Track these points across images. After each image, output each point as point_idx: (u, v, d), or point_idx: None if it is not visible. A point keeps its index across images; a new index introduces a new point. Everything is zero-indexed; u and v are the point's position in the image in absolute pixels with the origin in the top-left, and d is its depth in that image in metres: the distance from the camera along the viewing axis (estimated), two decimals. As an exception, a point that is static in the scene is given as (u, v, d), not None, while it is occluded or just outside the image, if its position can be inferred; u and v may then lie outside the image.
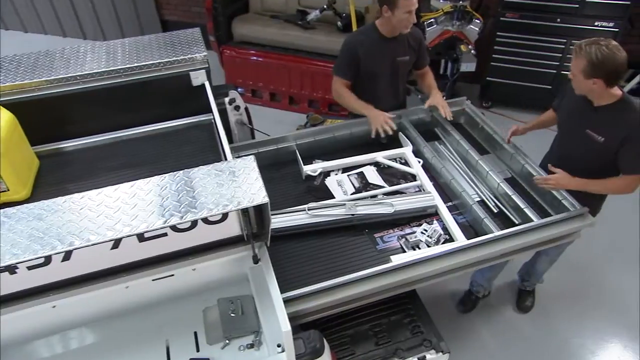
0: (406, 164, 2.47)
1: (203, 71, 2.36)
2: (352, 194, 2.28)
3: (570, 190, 2.09)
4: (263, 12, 4.69)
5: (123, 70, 2.24)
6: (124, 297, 1.40)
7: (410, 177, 2.39)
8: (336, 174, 2.43)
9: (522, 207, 2.08)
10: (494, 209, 2.17)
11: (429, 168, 2.42)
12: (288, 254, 2.01)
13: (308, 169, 2.39)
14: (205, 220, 1.37)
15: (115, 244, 1.30)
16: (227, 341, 1.48)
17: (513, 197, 2.13)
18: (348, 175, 2.40)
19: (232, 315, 1.47)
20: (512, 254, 2.00)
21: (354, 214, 2.10)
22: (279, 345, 1.35)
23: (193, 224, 1.37)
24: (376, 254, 2.01)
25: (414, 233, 2.08)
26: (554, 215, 2.02)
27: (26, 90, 2.11)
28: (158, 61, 2.30)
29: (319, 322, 1.89)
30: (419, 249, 2.01)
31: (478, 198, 2.24)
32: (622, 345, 2.66)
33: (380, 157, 2.48)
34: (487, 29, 4.00)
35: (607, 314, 2.80)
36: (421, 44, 2.62)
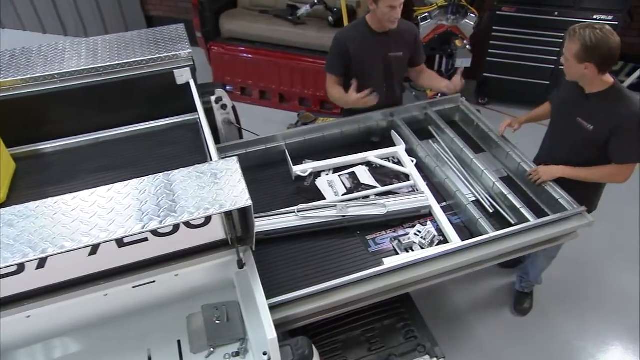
0: (399, 163, 2.47)
1: (188, 69, 2.35)
2: (343, 194, 2.28)
3: (565, 186, 2.11)
4: (252, 7, 4.67)
5: (103, 69, 2.22)
6: (103, 305, 1.38)
7: (404, 176, 2.39)
8: (327, 175, 2.43)
9: (518, 206, 2.08)
10: (490, 209, 2.18)
11: (423, 167, 2.42)
12: (277, 258, 2.01)
13: (298, 170, 2.38)
14: (188, 224, 1.36)
15: (93, 250, 1.28)
16: (211, 349, 1.47)
17: (509, 197, 2.14)
18: (339, 176, 2.40)
19: (217, 322, 1.46)
20: (509, 255, 2.01)
21: (345, 216, 2.10)
22: (265, 353, 1.34)
23: (175, 228, 1.36)
24: (368, 256, 2.01)
25: (407, 234, 2.08)
26: (550, 215, 2.03)
27: (1, 90, 2.08)
28: (140, 59, 2.28)
29: (309, 327, 1.90)
30: (413, 251, 2.02)
31: (473, 198, 2.24)
32: (623, 347, 2.68)
33: (372, 156, 2.48)
34: (482, 23, 4.01)
35: (607, 315, 2.81)
36: (417, 40, 2.62)
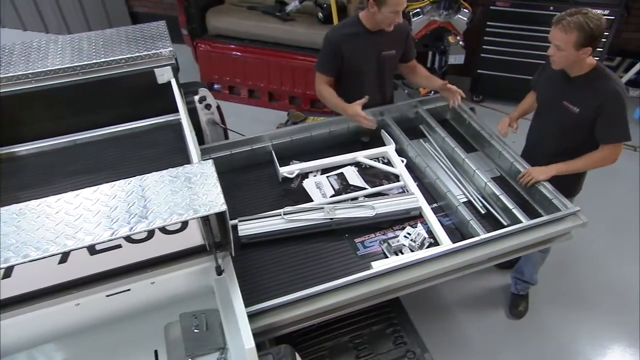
0: (389, 163, 2.46)
1: (169, 68, 2.32)
2: (331, 196, 2.26)
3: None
4: (239, 3, 4.64)
5: (80, 68, 2.18)
6: (75, 315, 1.35)
7: (394, 177, 2.38)
8: (315, 176, 2.41)
9: (510, 207, 2.08)
10: (482, 210, 2.17)
11: (413, 167, 2.41)
12: (263, 262, 1.99)
13: (285, 171, 2.37)
14: (163, 230, 1.34)
15: (63, 258, 1.26)
16: (190, 359, 1.45)
17: (501, 197, 2.13)
18: (327, 177, 2.38)
19: (196, 331, 1.44)
20: (501, 257, 1.99)
21: (332, 218, 2.08)
22: (245, 364, 1.32)
23: (150, 235, 1.33)
24: (357, 260, 1.99)
25: (396, 237, 2.07)
26: (543, 216, 2.02)
27: (-29, 90, 2.05)
28: (119, 57, 2.25)
29: (295, 334, 1.88)
30: (402, 253, 2.00)
31: (464, 199, 2.23)
32: (621, 350, 2.68)
33: (361, 156, 2.46)
34: (476, 19, 4.00)
35: (604, 317, 2.81)
36: (408, 35, 2.61)
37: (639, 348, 2.67)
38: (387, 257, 1.99)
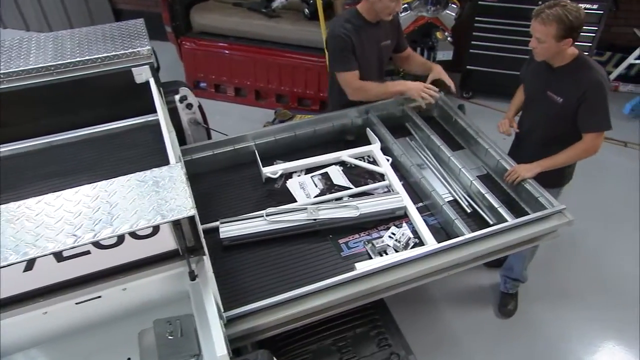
0: (374, 162, 2.43)
1: (147, 67, 2.28)
2: (315, 196, 2.24)
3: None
4: (224, -1, 4.61)
5: (55, 67, 2.14)
6: (42, 324, 1.31)
7: (379, 176, 2.35)
8: (299, 176, 2.39)
9: (496, 206, 2.06)
10: (468, 209, 2.15)
11: (399, 166, 2.39)
12: (245, 264, 1.97)
13: (268, 171, 2.34)
14: (134, 235, 1.31)
15: (29, 265, 1.22)
16: (163, 367, 1.42)
17: (487, 196, 2.11)
18: (311, 177, 2.36)
19: (170, 337, 1.41)
20: (487, 256, 1.98)
21: (316, 219, 2.06)
22: (220, 371, 1.29)
23: (120, 240, 1.30)
24: (340, 261, 1.97)
25: (381, 237, 2.05)
26: (529, 215, 2.01)
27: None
28: (96, 56, 2.20)
29: (278, 337, 1.86)
30: (387, 254, 1.98)
31: (450, 198, 2.21)
32: (610, 347, 2.68)
33: (345, 155, 2.44)
34: (464, 14, 3.98)
35: (594, 314, 2.82)
36: (398, 25, 2.63)
37: (629, 344, 2.67)
38: (371, 257, 1.97)
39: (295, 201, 2.22)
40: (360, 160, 2.44)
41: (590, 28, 3.74)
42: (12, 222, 1.10)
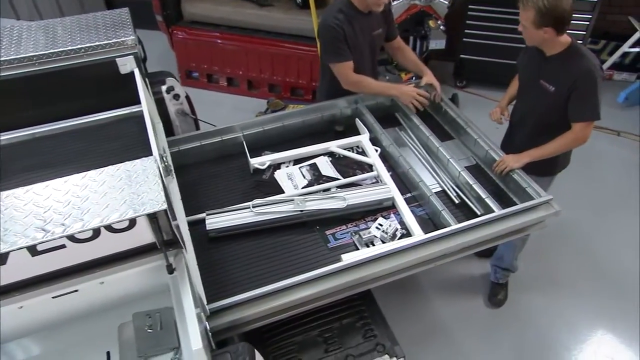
0: (363, 153, 2.41)
1: (132, 57, 2.23)
2: (303, 187, 2.22)
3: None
4: (216, -12, 4.53)
5: (37, 58, 2.09)
6: (18, 319, 1.30)
7: (367, 167, 2.33)
8: (287, 167, 2.36)
9: (483, 197, 2.04)
10: (456, 200, 2.14)
11: (387, 156, 2.36)
12: (231, 256, 1.95)
13: (256, 162, 2.31)
14: (110, 229, 1.28)
15: (2, 259, 1.20)
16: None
17: (474, 187, 2.09)
18: (299, 168, 2.34)
19: (149, 331, 1.40)
20: (475, 247, 1.97)
21: (303, 210, 2.04)
22: (197, 364, 1.28)
23: (95, 233, 1.28)
24: (327, 252, 1.96)
25: (368, 229, 2.03)
26: (516, 205, 1.99)
27: None
28: (78, 47, 2.16)
29: (264, 329, 1.85)
30: (374, 245, 1.97)
31: (438, 188, 2.20)
32: (599, 337, 2.68)
33: (334, 146, 2.41)
34: (457, 2, 3.92)
35: (584, 303, 2.81)
36: (389, 12, 2.58)
37: (618, 333, 2.67)
38: (358, 249, 1.95)
39: (283, 192, 2.19)
40: (349, 150, 2.41)
41: (585, 16, 3.69)
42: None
